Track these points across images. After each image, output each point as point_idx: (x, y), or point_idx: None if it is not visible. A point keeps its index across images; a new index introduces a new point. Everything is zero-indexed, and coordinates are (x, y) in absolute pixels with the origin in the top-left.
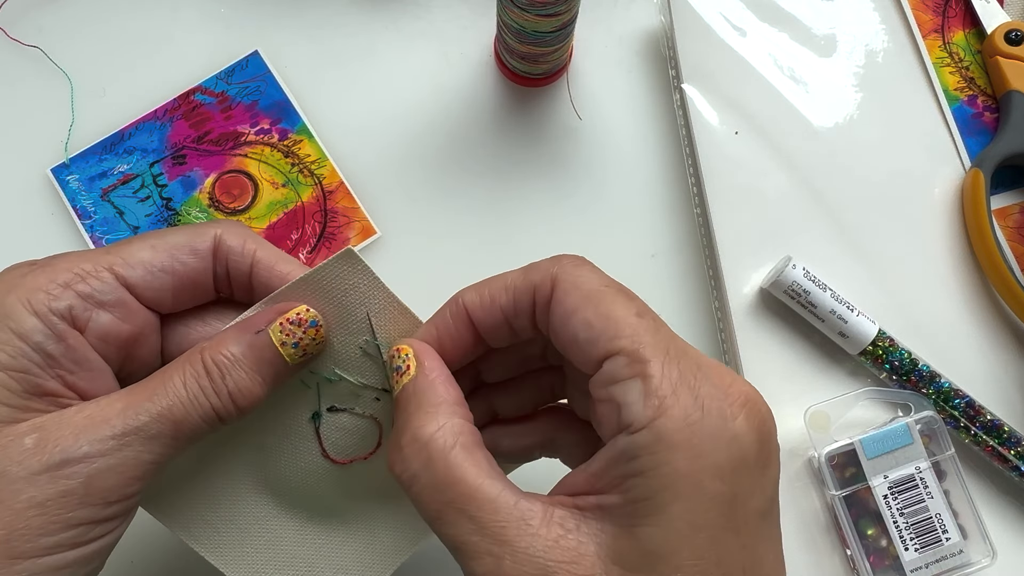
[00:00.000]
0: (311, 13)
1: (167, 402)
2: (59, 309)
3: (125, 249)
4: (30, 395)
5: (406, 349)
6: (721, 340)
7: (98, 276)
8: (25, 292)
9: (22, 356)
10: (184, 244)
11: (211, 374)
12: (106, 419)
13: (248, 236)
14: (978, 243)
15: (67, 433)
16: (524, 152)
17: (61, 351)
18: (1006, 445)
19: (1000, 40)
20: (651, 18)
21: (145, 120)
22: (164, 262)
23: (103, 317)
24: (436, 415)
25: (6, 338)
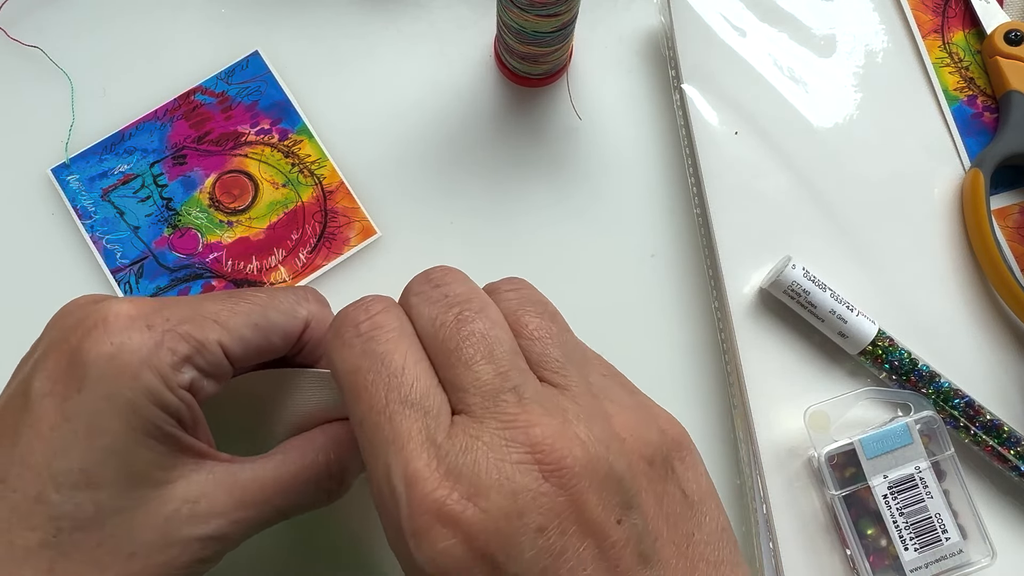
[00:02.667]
0: (311, 13)
1: (293, 498)
2: (185, 382)
3: (231, 320)
4: (177, 454)
5: None
6: (721, 340)
7: (211, 350)
8: (157, 366)
9: (168, 425)
10: (280, 327)
11: (332, 478)
12: (244, 503)
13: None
14: (978, 243)
15: (215, 510)
16: (524, 152)
17: (189, 417)
18: (1006, 445)
19: (1000, 40)
20: (651, 18)
21: (145, 120)
22: (260, 343)
23: (210, 384)
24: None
25: (153, 413)
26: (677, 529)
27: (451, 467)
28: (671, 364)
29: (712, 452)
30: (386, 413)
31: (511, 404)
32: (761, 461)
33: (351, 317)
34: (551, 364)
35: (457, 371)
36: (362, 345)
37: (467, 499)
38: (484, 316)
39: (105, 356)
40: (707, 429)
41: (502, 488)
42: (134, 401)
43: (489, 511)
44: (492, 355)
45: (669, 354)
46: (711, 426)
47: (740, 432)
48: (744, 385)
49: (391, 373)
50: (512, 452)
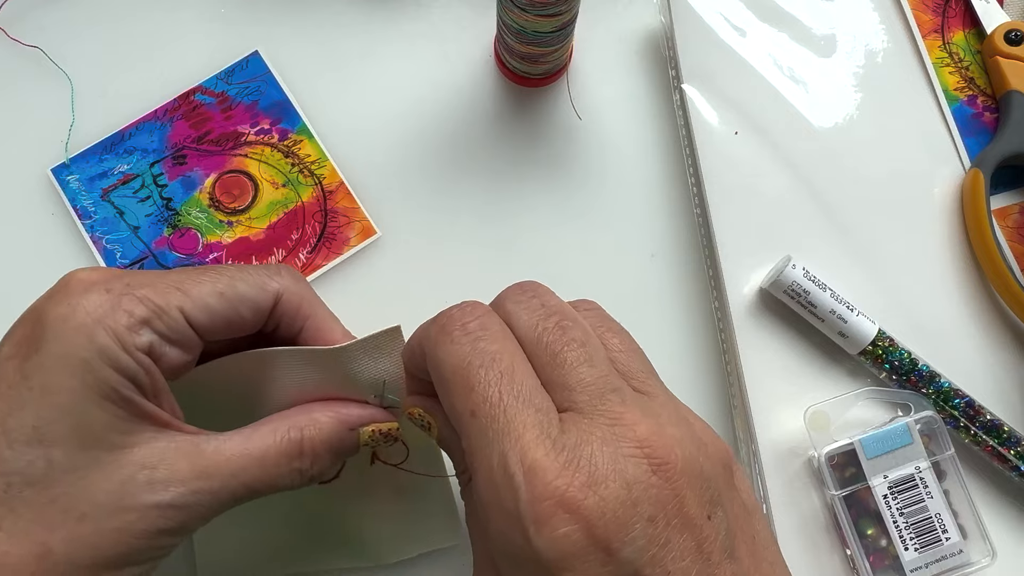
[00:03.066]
0: (311, 13)
1: (256, 474)
2: (142, 344)
3: (195, 289)
4: (135, 419)
5: (417, 411)
6: (721, 340)
7: (171, 315)
8: (111, 326)
9: (124, 387)
10: (247, 299)
11: (303, 457)
12: (208, 474)
13: (304, 299)
14: (978, 243)
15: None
16: (524, 152)
17: (148, 381)
18: (1006, 445)
19: (1000, 40)
20: (651, 18)
21: (145, 120)
22: (226, 312)
23: (172, 352)
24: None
25: (108, 374)
26: (745, 530)
27: (570, 458)
28: (671, 364)
29: None
30: (500, 406)
31: (616, 403)
32: (761, 461)
33: (456, 317)
34: (637, 375)
35: (563, 371)
36: (472, 343)
37: (587, 488)
38: (580, 327)
39: (61, 316)
40: None
41: (618, 478)
42: (88, 360)
43: (607, 499)
44: (592, 360)
45: (669, 354)
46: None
47: (740, 432)
48: (744, 385)
49: (502, 370)
50: (623, 446)
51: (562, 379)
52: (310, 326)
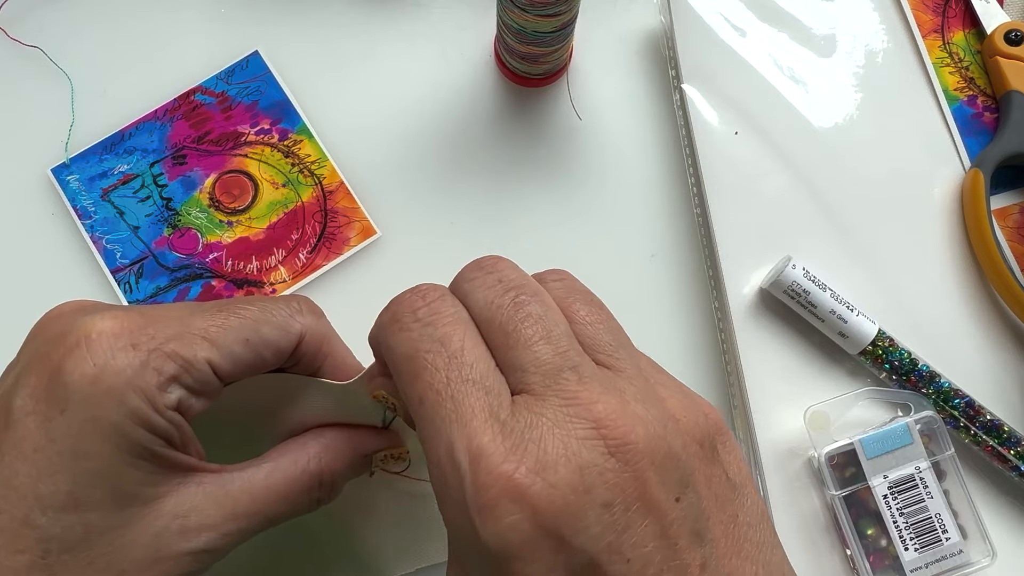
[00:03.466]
0: (311, 13)
1: (284, 507)
2: (172, 403)
3: (221, 338)
4: (165, 470)
5: (380, 393)
6: (721, 340)
7: (199, 368)
8: (143, 388)
9: (156, 445)
10: (272, 343)
11: (323, 488)
12: (236, 515)
13: (324, 338)
14: (978, 243)
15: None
16: (524, 152)
17: (178, 437)
18: (1006, 445)
19: (1000, 40)
20: (651, 18)
21: (145, 120)
22: (251, 360)
23: (199, 403)
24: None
25: (141, 434)
26: (724, 510)
27: (517, 442)
28: (671, 364)
29: None
30: (447, 391)
31: (572, 382)
32: (761, 461)
33: (408, 303)
34: (604, 348)
35: (516, 352)
36: (420, 329)
37: (534, 473)
38: (539, 300)
39: (88, 377)
40: None
41: (569, 463)
42: (120, 424)
43: (557, 485)
44: (550, 336)
45: (669, 354)
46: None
47: (740, 432)
48: (744, 385)
49: (451, 354)
50: (577, 428)
51: (516, 359)
52: (329, 364)
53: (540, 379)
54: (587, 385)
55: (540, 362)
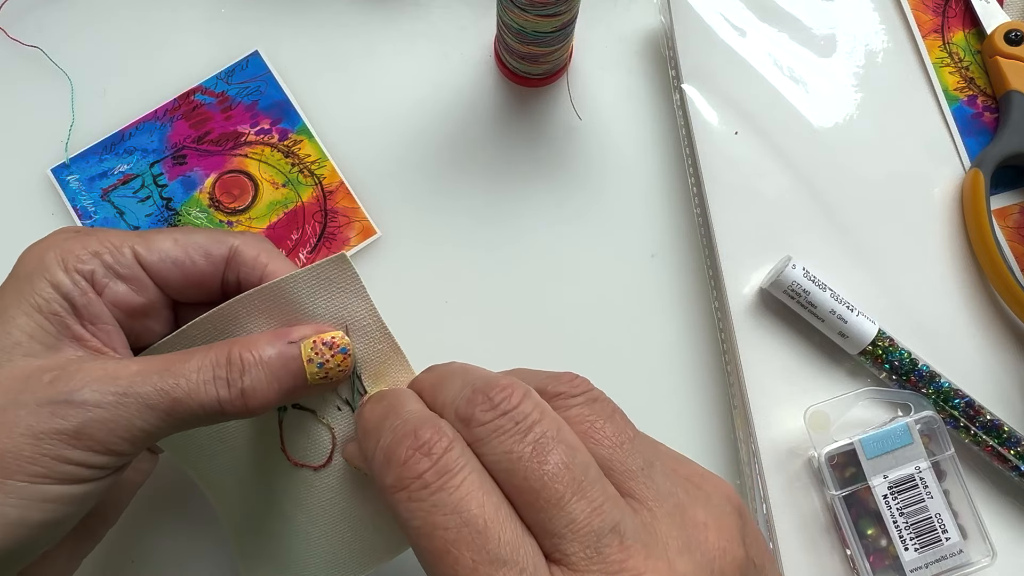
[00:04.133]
0: (311, 13)
1: (173, 381)
2: (84, 271)
3: (151, 236)
4: (62, 336)
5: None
6: (721, 340)
7: (120, 251)
8: (61, 252)
9: (56, 303)
10: (201, 246)
11: (232, 366)
12: (116, 376)
13: (263, 249)
14: (978, 243)
15: (78, 378)
16: (524, 152)
17: (83, 303)
18: (1006, 445)
19: (1000, 40)
20: (651, 18)
21: (145, 120)
22: (179, 256)
23: (119, 287)
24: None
25: (43, 287)
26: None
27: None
28: (671, 364)
29: (712, 452)
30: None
31: (615, 549)
32: (761, 461)
33: (411, 465)
34: (636, 475)
35: (547, 514)
36: (431, 497)
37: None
38: (562, 441)
39: (31, 249)
40: (707, 429)
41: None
42: (31, 275)
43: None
44: (582, 489)
45: (669, 354)
46: (711, 426)
47: (740, 432)
48: (744, 385)
49: (474, 530)
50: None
51: (548, 523)
52: (269, 272)
53: (580, 548)
54: (631, 551)
55: (576, 525)
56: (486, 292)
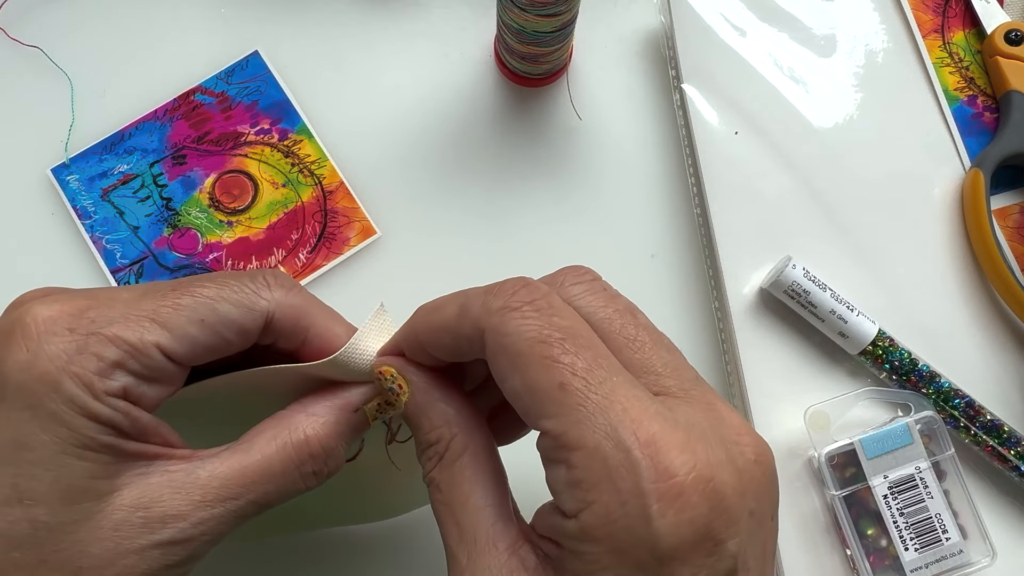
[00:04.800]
0: (311, 13)
1: (269, 487)
2: (115, 390)
3: (173, 319)
4: (119, 461)
5: (389, 370)
6: (721, 340)
7: (147, 353)
8: (78, 375)
9: (102, 434)
10: (233, 323)
11: (315, 459)
12: (206, 501)
13: (301, 313)
14: (978, 243)
15: (171, 513)
16: (524, 152)
17: (129, 425)
18: (1006, 445)
19: (1000, 40)
20: (651, 18)
21: (145, 120)
22: (209, 340)
23: (152, 390)
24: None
25: (80, 424)
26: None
27: (686, 437)
28: None
29: None
30: (594, 377)
31: (707, 391)
32: None
33: (521, 294)
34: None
35: (644, 355)
36: (545, 318)
37: (709, 469)
38: (644, 315)
39: (21, 364)
40: None
41: (731, 464)
42: (58, 413)
43: (723, 485)
44: (670, 347)
45: None
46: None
47: None
48: (744, 385)
49: (585, 344)
50: (727, 433)
51: (646, 362)
52: (312, 337)
53: (677, 383)
54: (717, 397)
55: (671, 367)
56: None
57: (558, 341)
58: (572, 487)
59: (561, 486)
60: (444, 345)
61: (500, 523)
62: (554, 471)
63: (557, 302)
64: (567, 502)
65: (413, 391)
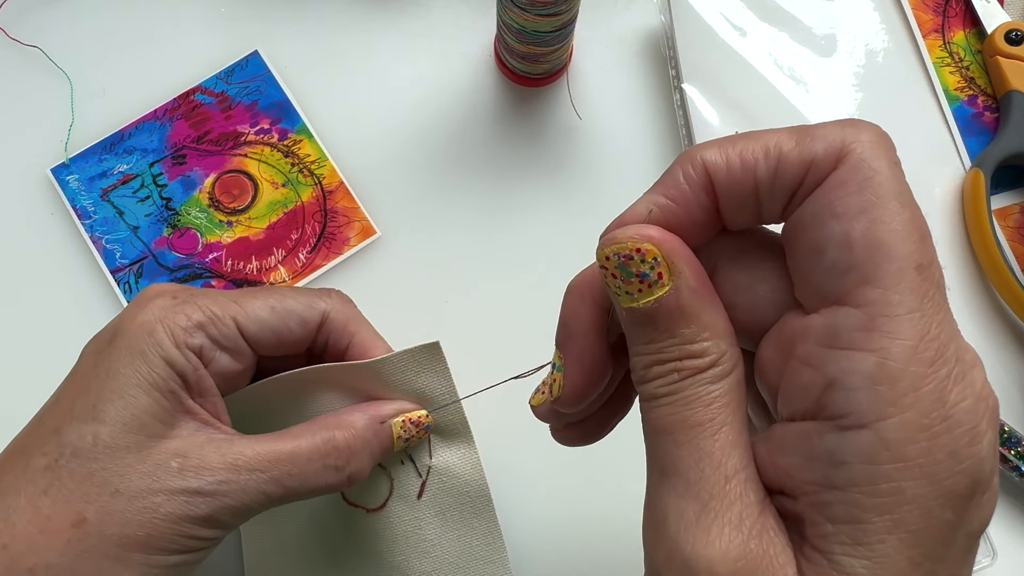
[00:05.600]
0: (311, 13)
1: (287, 470)
2: (194, 345)
3: (249, 303)
4: (176, 412)
5: (654, 251)
6: None
7: (224, 323)
8: (169, 325)
9: (171, 380)
10: (297, 314)
11: (340, 453)
12: (236, 465)
13: (351, 318)
14: (978, 243)
15: (204, 468)
16: (524, 152)
17: (195, 379)
18: (1006, 445)
19: (1000, 40)
20: (651, 18)
21: (145, 120)
22: (276, 325)
23: (223, 357)
24: (706, 345)
25: (158, 363)
26: None
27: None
28: None
29: None
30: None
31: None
32: None
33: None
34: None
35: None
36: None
37: (995, 398)
38: None
39: (132, 315)
40: None
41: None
42: (144, 352)
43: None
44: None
45: None
46: None
47: None
48: None
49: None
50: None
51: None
52: (356, 342)
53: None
54: None
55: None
56: (486, 292)
57: (919, 215)
58: (880, 384)
59: (862, 381)
60: (748, 183)
61: (751, 469)
62: (851, 361)
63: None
64: (864, 404)
65: (681, 286)
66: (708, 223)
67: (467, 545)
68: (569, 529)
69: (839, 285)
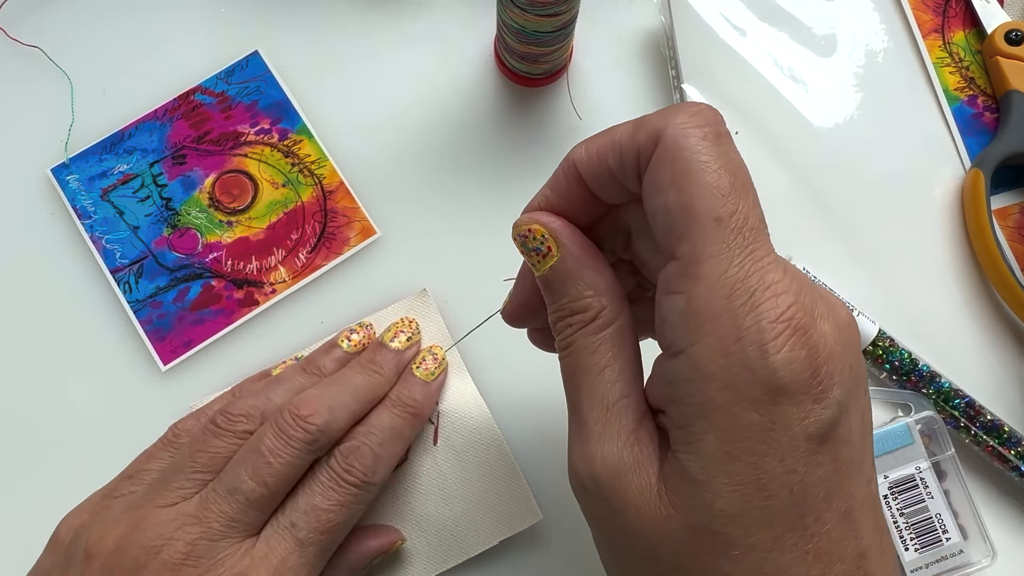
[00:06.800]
0: (311, 13)
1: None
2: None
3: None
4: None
5: (541, 230)
6: None
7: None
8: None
9: None
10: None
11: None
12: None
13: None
14: (978, 243)
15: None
16: (524, 152)
17: None
18: (1006, 445)
19: (1000, 40)
20: (651, 18)
21: (145, 120)
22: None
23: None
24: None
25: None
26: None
27: (799, 289)
28: None
29: None
30: (749, 223)
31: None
32: None
33: (705, 114)
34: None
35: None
36: (723, 146)
37: (813, 319)
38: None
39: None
40: None
41: (833, 320)
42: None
43: (828, 336)
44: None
45: None
46: None
47: None
48: None
49: (749, 187)
50: (824, 294)
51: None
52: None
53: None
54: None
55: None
56: (486, 292)
57: (729, 173)
58: (688, 318)
59: (677, 317)
60: (604, 171)
61: (633, 397)
62: (670, 302)
63: (731, 139)
64: (679, 335)
65: (565, 255)
66: (590, 204)
67: (489, 484)
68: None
69: (667, 243)
